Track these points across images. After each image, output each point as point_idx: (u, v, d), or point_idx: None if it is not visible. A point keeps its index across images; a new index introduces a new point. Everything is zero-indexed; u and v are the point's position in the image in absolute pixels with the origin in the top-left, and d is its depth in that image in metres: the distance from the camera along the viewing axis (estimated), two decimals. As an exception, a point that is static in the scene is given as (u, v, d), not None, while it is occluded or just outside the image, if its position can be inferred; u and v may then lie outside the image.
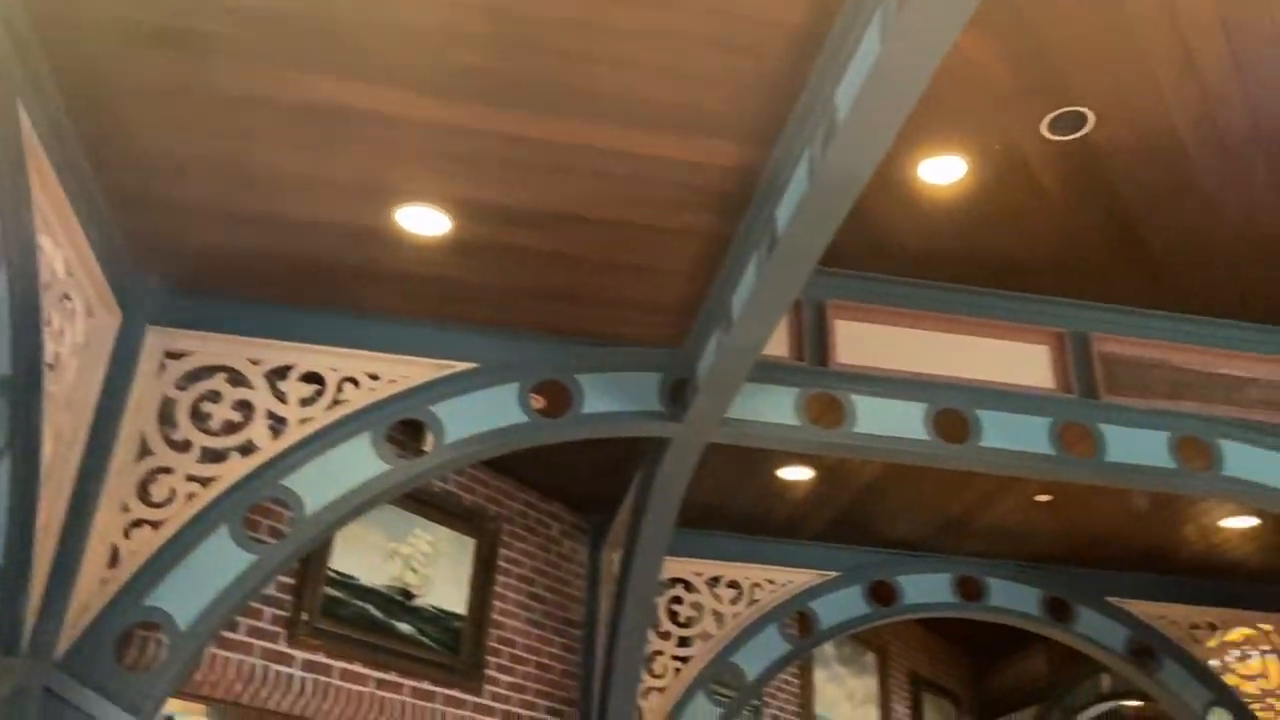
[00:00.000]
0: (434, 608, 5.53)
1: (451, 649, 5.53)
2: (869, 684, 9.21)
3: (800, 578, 6.79)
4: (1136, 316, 4.93)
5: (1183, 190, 4.11)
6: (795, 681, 8.21)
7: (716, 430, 4.64)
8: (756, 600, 6.71)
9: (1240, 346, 4.98)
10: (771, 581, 6.77)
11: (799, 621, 6.80)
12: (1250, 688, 6.97)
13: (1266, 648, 7.08)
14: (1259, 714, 6.86)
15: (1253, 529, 6.43)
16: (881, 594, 6.85)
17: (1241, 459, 4.81)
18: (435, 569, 5.59)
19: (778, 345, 4.75)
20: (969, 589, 6.95)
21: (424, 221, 3.90)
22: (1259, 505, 5.26)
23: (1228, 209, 4.20)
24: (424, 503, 5.60)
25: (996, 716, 10.88)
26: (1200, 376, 4.92)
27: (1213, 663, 7.00)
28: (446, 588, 5.64)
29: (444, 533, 5.68)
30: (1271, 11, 3.32)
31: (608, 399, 4.59)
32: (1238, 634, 7.12)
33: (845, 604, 6.77)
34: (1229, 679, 6.96)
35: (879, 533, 6.82)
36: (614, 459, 5.56)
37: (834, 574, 6.80)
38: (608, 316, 4.52)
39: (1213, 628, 7.10)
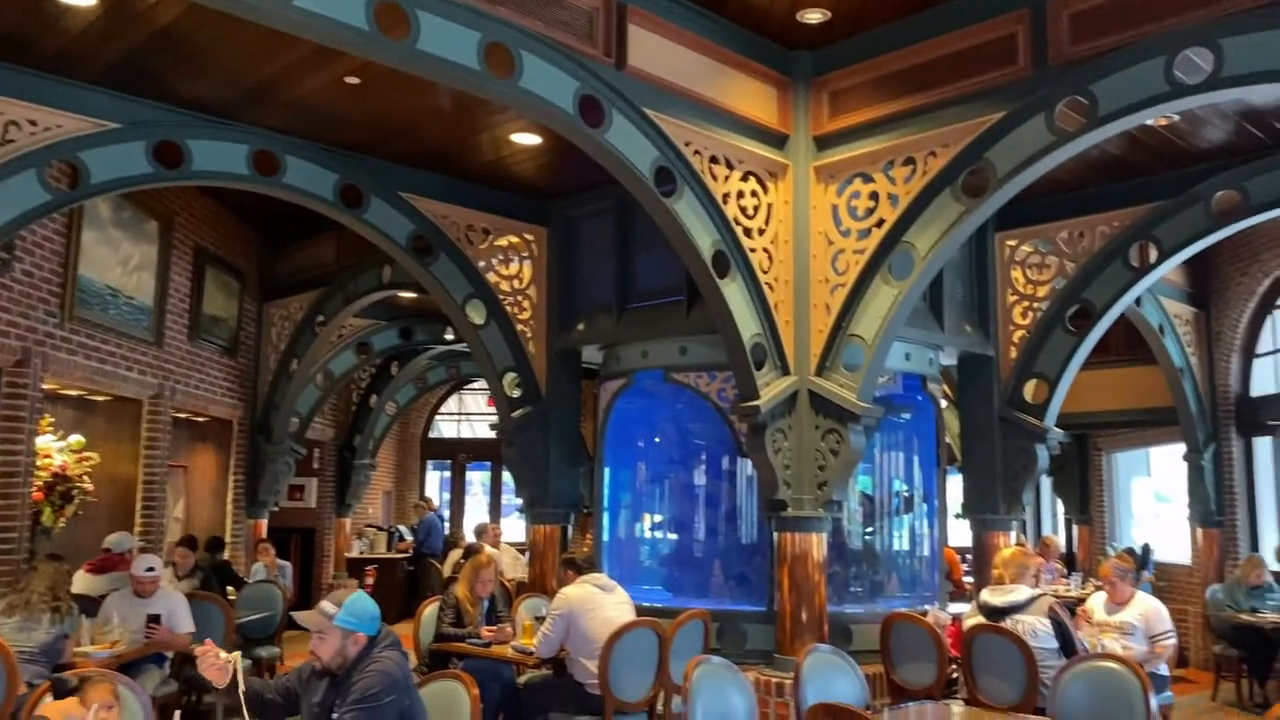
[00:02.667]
0: None
1: None
2: (148, 252, 8.71)
3: (71, 123, 5.91)
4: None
5: None
6: (59, 239, 7.41)
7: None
8: (12, 140, 5.72)
9: (562, -35, 5.15)
10: (34, 123, 5.81)
11: (68, 175, 6.01)
12: (505, 285, 7.95)
13: (525, 254, 8.06)
14: (508, 306, 7.89)
15: (536, 147, 7.07)
16: (167, 155, 6.28)
17: (539, 74, 5.10)
18: None
19: None
20: (265, 164, 6.70)
21: None
22: (544, 123, 5.71)
23: None
24: None
25: (280, 296, 11.18)
26: (521, -15, 5.01)
27: (480, 263, 7.80)
28: None
29: None
30: None
31: None
32: (505, 240, 7.98)
33: (123, 160, 6.09)
34: (490, 277, 7.85)
35: (172, 89, 6.15)
36: None
37: (113, 125, 6.03)
38: None
39: (486, 232, 7.85)
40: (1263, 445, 10.55)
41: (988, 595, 5.77)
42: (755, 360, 6.22)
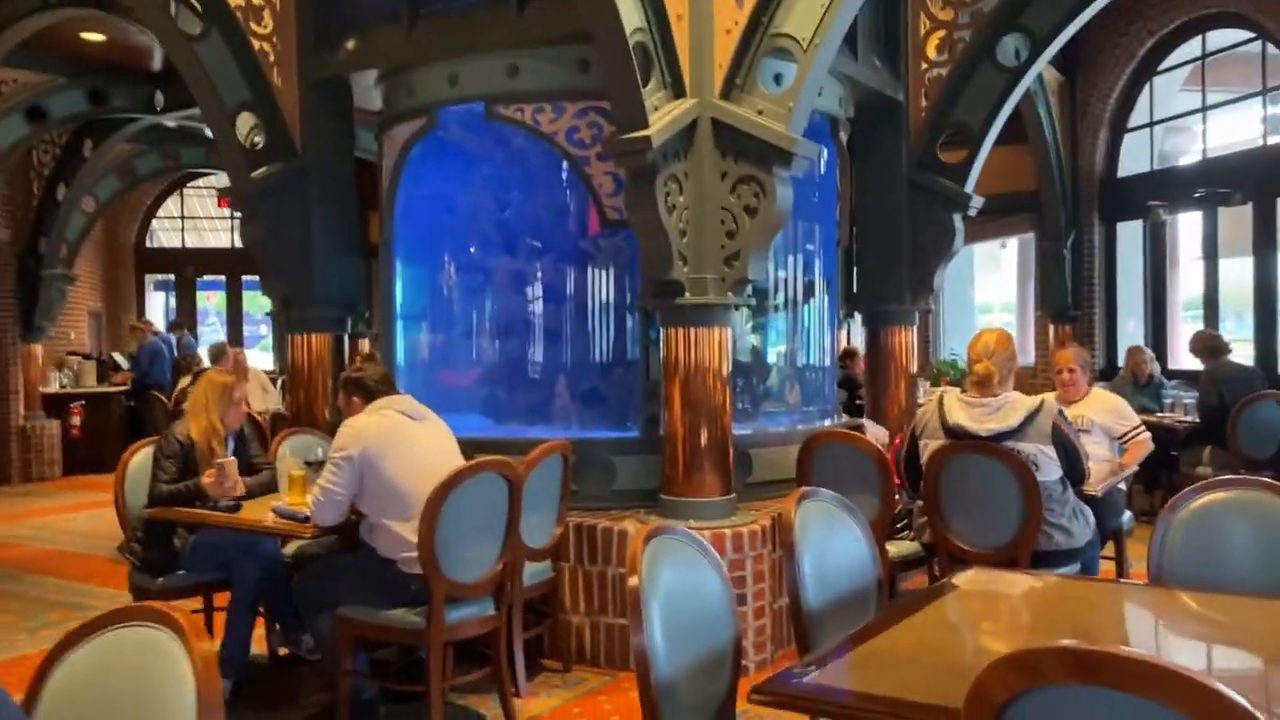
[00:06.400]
0: None
1: None
2: None
3: None
4: None
5: None
6: None
7: None
8: None
9: None
10: None
11: None
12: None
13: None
14: (239, 14, 5.28)
15: None
16: None
17: None
18: None
19: None
20: None
21: None
22: None
23: None
24: None
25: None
26: None
27: (189, -55, 5.12)
28: None
29: None
30: None
31: None
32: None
33: None
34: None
35: None
36: None
37: None
38: None
39: (196, -104, 5.13)
40: (1128, 230, 9.61)
41: (961, 414, 4.06)
42: (640, 71, 4.11)
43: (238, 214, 10.23)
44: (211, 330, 16.88)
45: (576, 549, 4.53)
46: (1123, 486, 5.17)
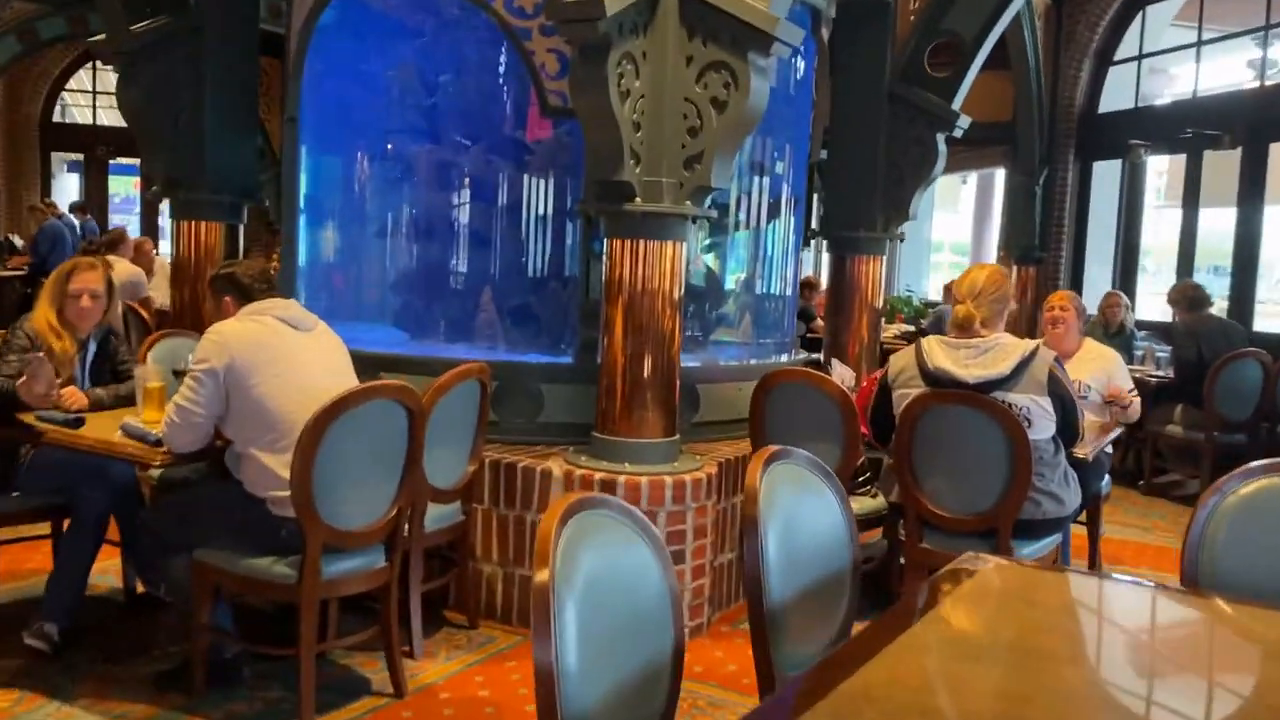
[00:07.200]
0: None
1: None
2: None
3: None
4: None
5: None
6: None
7: None
8: None
9: None
10: None
11: None
12: None
13: None
14: None
15: None
16: None
17: None
18: None
19: None
20: None
21: None
22: None
23: None
24: None
25: None
26: None
27: None
28: None
29: None
30: None
31: None
32: None
33: None
34: None
35: None
36: None
37: None
38: None
39: None
40: (1105, 170, 9.09)
41: (944, 357, 3.49)
42: (593, -78, 3.37)
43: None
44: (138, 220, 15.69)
45: (492, 489, 3.91)
46: (1109, 450, 4.69)
